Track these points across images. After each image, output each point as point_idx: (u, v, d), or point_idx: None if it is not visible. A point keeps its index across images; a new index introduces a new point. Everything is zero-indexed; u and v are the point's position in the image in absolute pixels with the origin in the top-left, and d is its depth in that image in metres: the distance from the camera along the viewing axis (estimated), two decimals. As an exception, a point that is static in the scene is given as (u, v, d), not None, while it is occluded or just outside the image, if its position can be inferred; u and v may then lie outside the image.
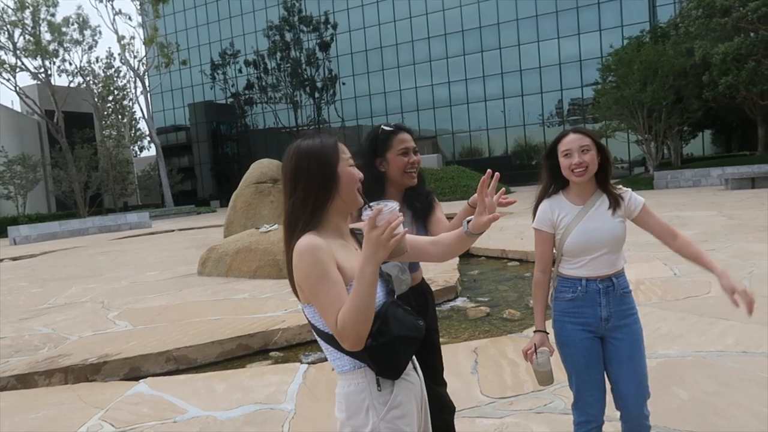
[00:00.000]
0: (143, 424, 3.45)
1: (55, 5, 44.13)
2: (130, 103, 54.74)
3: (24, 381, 4.77)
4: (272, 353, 5.29)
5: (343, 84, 52.20)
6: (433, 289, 6.66)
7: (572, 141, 2.25)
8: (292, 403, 3.58)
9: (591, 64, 39.63)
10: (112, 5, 46.24)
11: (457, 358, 4.21)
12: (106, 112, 52.49)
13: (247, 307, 6.67)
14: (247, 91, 56.43)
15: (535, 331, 2.35)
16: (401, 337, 1.51)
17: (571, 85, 43.33)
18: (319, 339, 1.58)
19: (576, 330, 2.28)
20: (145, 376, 4.70)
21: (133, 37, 55.45)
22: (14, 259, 18.55)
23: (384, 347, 1.48)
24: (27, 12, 42.66)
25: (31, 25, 42.85)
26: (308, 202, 1.54)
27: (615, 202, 2.28)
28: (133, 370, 4.94)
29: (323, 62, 52.95)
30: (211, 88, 58.11)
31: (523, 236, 11.14)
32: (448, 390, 3.59)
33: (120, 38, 45.58)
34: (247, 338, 5.41)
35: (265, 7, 54.42)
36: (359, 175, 1.61)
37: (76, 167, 41.66)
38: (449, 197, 30.36)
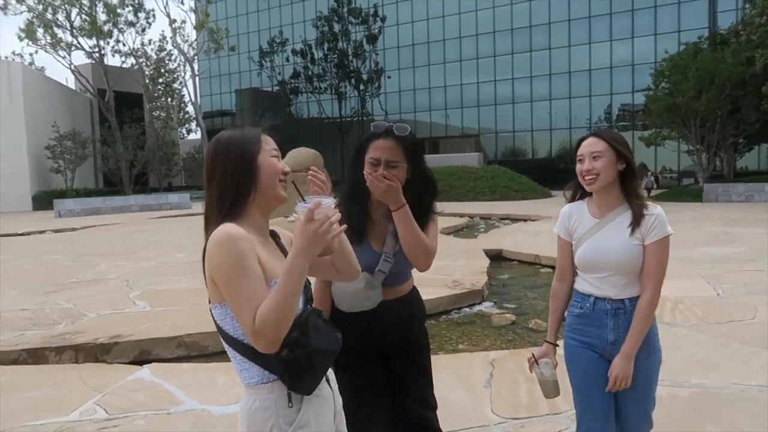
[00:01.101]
0: (136, 412, 3.34)
1: (113, -13, 45.24)
2: (180, 87, 55.81)
3: (35, 356, 4.76)
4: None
5: (389, 77, 51.95)
6: (457, 292, 6.46)
7: (586, 146, 2.08)
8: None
9: (644, 69, 38.24)
10: (166, -11, 47.08)
11: (472, 369, 3.97)
12: (156, 94, 53.61)
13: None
14: (293, 80, 56.77)
15: (544, 341, 2.25)
16: (320, 350, 1.42)
17: (621, 89, 42.02)
18: (226, 346, 1.45)
19: (579, 348, 2.13)
20: (154, 360, 4.63)
21: (184, 21, 56.60)
22: (56, 231, 19.07)
23: (302, 359, 1.37)
24: (85, -8, 43.87)
25: (88, 5, 44.04)
26: (226, 194, 1.44)
27: (635, 220, 2.03)
28: (143, 353, 4.87)
29: (370, 54, 52.81)
30: (258, 75, 58.69)
31: (559, 242, 10.72)
32: (455, 404, 3.38)
33: (171, 22, 46.40)
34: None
35: (315, -4, 54.60)
36: (283, 167, 1.50)
37: (124, 146, 42.78)
38: (488, 197, 29.86)
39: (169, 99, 55.66)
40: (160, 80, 53.16)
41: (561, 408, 3.23)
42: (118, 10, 45.62)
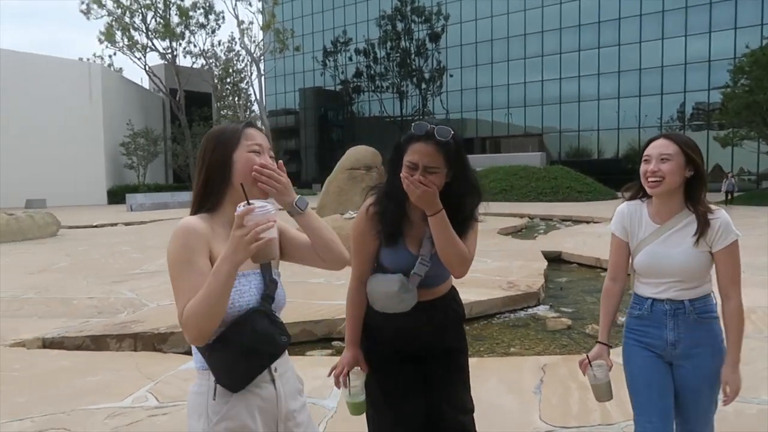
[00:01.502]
0: (185, 402, 3.41)
1: (185, -10, 47.06)
2: (246, 86, 57.42)
3: (97, 342, 4.98)
4: (335, 342, 5.16)
5: (451, 76, 51.53)
6: (512, 293, 6.30)
7: (655, 147, 2.00)
8: (335, 401, 3.39)
9: (721, 65, 36.19)
10: (235, -9, 48.49)
11: (521, 374, 3.83)
12: (224, 93, 55.39)
13: (319, 293, 6.62)
14: (355, 79, 57.32)
15: (596, 342, 2.18)
16: (250, 349, 1.40)
17: (696, 87, 39.93)
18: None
19: (637, 347, 2.10)
20: (207, 352, 4.74)
21: (251, 23, 58.15)
22: (127, 224, 20.02)
23: (226, 355, 1.38)
24: (160, -4, 45.85)
25: (163, 8, 46.02)
26: (204, 188, 1.48)
27: (701, 229, 1.97)
28: (197, 343, 4.99)
29: (432, 53, 52.59)
30: (322, 75, 59.59)
31: (623, 246, 10.29)
32: (503, 409, 3.27)
33: (240, 23, 47.77)
34: (312, 324, 5.32)
35: (379, -4, 54.87)
36: (261, 161, 1.51)
37: (192, 143, 44.46)
38: (550, 198, 29.11)
39: (236, 98, 57.39)
40: (228, 80, 54.88)
41: (613, 419, 3.06)
42: (190, 13, 47.44)
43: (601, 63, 43.49)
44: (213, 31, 50.19)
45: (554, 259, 9.51)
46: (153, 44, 46.95)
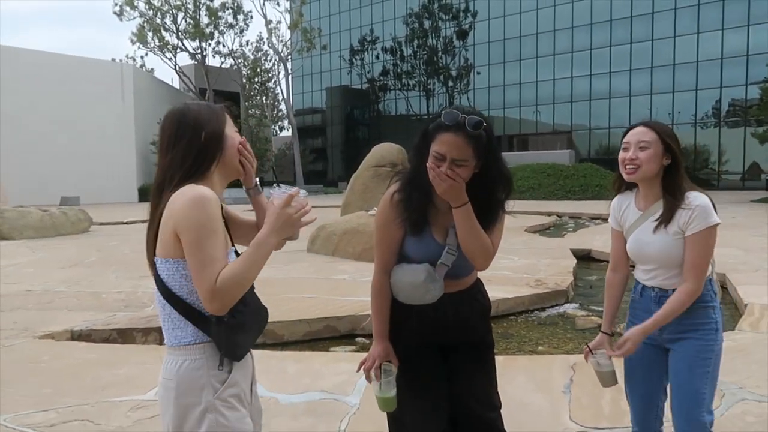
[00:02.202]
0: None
1: (214, -9, 47.63)
2: (274, 85, 57.86)
3: (124, 335, 5.02)
4: (358, 339, 5.11)
5: (478, 73, 51.09)
6: (539, 291, 6.17)
7: (634, 134, 2.06)
8: (358, 397, 3.33)
9: (760, 59, 35.07)
10: (263, -9, 48.90)
11: (551, 373, 3.71)
12: (252, 93, 55.92)
13: (343, 289, 6.57)
14: (382, 77, 57.30)
15: (599, 331, 2.26)
16: (254, 321, 1.55)
17: (733, 82, 38.77)
18: (162, 303, 1.50)
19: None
20: (231, 346, 4.72)
21: (279, 22, 58.60)
22: (157, 221, 20.29)
23: (240, 327, 1.48)
24: (190, -4, 46.52)
25: (192, 9, 46.66)
26: (193, 158, 1.50)
27: (665, 216, 2.01)
28: (221, 338, 4.99)
29: (459, 50, 52.22)
30: (348, 73, 59.71)
31: (655, 244, 10.02)
32: (532, 408, 3.16)
33: (267, 23, 48.14)
34: (335, 320, 5.27)
35: (406, -6, 54.70)
36: (240, 139, 1.60)
37: (221, 142, 44.95)
38: (579, 196, 28.62)
39: (264, 97, 57.87)
40: (256, 79, 55.38)
41: (648, 421, 2.93)
42: (219, 13, 47.99)
43: (634, 58, 42.58)
44: (241, 31, 50.62)
45: (583, 257, 9.30)
46: (183, 45, 47.67)
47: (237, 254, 1.56)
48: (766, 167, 38.19)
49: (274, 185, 1.62)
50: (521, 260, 8.24)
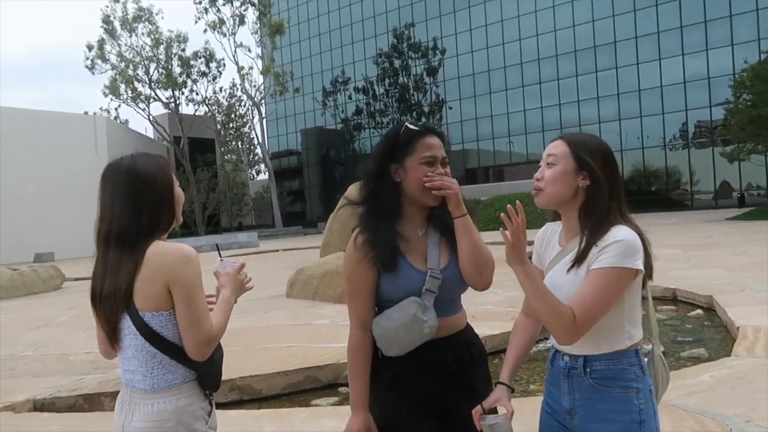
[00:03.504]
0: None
1: (185, 41, 48.05)
2: (249, 130, 58.03)
3: (91, 401, 4.69)
4: (341, 389, 4.83)
5: (450, 108, 51.92)
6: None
7: (547, 149, 1.64)
8: (342, 459, 3.07)
9: (721, 81, 36.19)
10: (234, 39, 49.48)
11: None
12: (227, 138, 55.96)
13: (324, 335, 6.31)
14: (356, 117, 57.91)
15: (496, 383, 1.71)
16: (221, 356, 1.73)
17: (697, 105, 39.89)
18: (153, 352, 1.56)
19: (544, 414, 1.70)
20: (206, 406, 4.43)
21: (251, 68, 59.15)
22: (133, 273, 19.80)
23: (217, 362, 1.69)
24: (161, 48, 46.82)
25: (164, 59, 46.91)
26: (158, 219, 1.60)
27: (579, 256, 1.51)
28: (195, 397, 4.69)
29: (430, 87, 53.15)
30: (322, 115, 60.21)
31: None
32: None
33: (240, 69, 48.55)
34: (316, 370, 5.01)
35: (375, 35, 55.75)
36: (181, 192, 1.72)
37: (197, 189, 44.63)
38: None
39: (239, 142, 57.91)
40: (231, 125, 55.51)
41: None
42: (192, 62, 48.29)
43: (600, 86, 43.69)
44: (214, 79, 50.91)
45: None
46: (156, 94, 47.76)
47: None
48: (736, 185, 39.01)
49: (218, 259, 1.81)
50: (505, 293, 8.05)
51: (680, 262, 10.66)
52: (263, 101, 51.68)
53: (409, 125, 1.75)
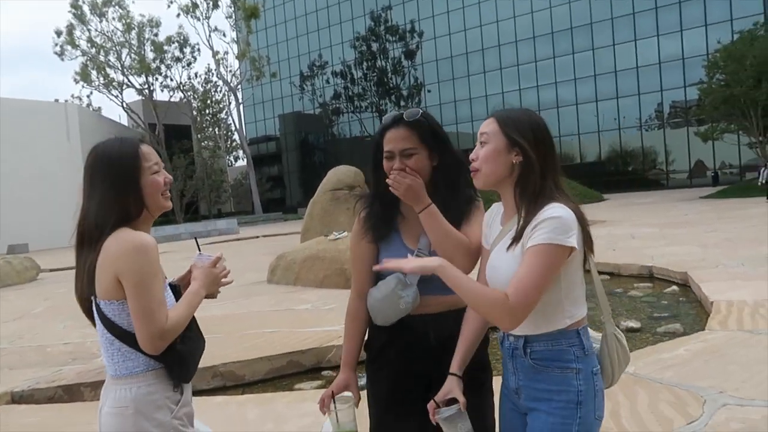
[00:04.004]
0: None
1: (158, 25, 47.08)
2: (226, 116, 57.33)
3: (70, 392, 4.63)
4: (325, 372, 4.85)
5: (429, 91, 51.84)
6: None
7: (480, 129, 1.59)
8: (326, 441, 3.09)
9: (695, 62, 36.65)
10: (208, 23, 48.75)
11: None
12: (204, 125, 55.22)
13: (306, 319, 6.31)
14: (334, 101, 57.50)
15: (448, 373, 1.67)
16: (198, 345, 1.70)
17: (672, 85, 40.40)
18: (111, 339, 1.57)
19: (501, 395, 1.68)
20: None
21: (226, 53, 58.31)
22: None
23: (188, 351, 1.62)
24: (133, 33, 45.84)
25: (137, 44, 45.94)
26: (113, 211, 1.55)
27: (517, 234, 1.48)
28: (177, 385, 4.67)
29: (409, 70, 52.94)
30: (300, 99, 59.69)
31: (616, 247, 10.11)
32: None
33: (215, 54, 47.79)
34: (299, 355, 5.00)
35: (352, 18, 55.24)
36: (165, 178, 1.64)
37: (173, 176, 44.07)
38: (537, 205, 29.05)
39: (216, 129, 57.22)
40: (207, 111, 54.78)
41: (632, 437, 2.79)
42: (165, 47, 47.39)
43: (577, 68, 43.94)
44: (189, 64, 50.06)
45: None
46: (129, 81, 46.82)
47: (171, 286, 1.72)
48: (710, 164, 39.70)
49: (196, 252, 1.78)
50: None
51: (656, 240, 10.84)
52: (239, 86, 51.03)
53: (383, 118, 1.82)
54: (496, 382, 1.79)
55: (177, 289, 1.74)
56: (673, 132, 41.44)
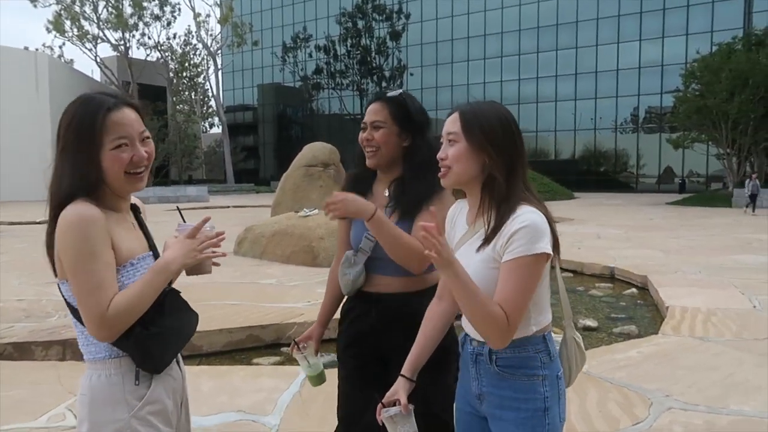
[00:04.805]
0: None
1: (139, -21, 45.57)
2: (203, 81, 56.05)
3: (21, 350, 4.52)
4: (284, 349, 4.84)
5: (411, 75, 51.53)
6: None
7: (446, 126, 1.51)
8: (278, 417, 3.08)
9: (673, 70, 37.19)
10: (192, -18, 47.25)
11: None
12: (180, 88, 53.95)
13: (270, 294, 6.27)
14: (315, 76, 56.72)
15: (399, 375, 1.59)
16: (175, 330, 1.44)
17: (649, 90, 40.99)
18: (74, 321, 1.40)
19: (460, 397, 1.63)
20: (144, 360, 4.35)
21: (208, 15, 56.82)
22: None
23: (155, 338, 1.37)
24: (112, -16, 44.29)
25: (115, -2, 44.43)
26: (66, 178, 1.36)
27: (487, 237, 1.42)
28: (132, 351, 4.60)
29: (393, 51, 52.49)
30: (281, 71, 58.72)
31: (581, 245, 10.28)
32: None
33: (196, 15, 46.58)
34: (259, 329, 4.98)
35: (339, -8, 54.41)
36: (132, 156, 1.37)
37: (145, 138, 43.12)
38: (508, 198, 29.32)
39: (193, 93, 55.97)
40: (185, 74, 53.48)
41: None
42: (144, 4, 45.95)
43: (559, 65, 44.20)
44: (168, 24, 48.66)
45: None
46: (104, 35, 45.34)
47: (156, 256, 1.49)
48: (678, 171, 40.60)
49: (179, 223, 1.52)
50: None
51: (620, 241, 11.07)
52: (219, 52, 50.00)
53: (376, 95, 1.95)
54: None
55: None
56: (647, 137, 42.18)
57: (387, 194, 1.90)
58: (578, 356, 1.59)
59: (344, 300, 2.04)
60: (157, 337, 1.37)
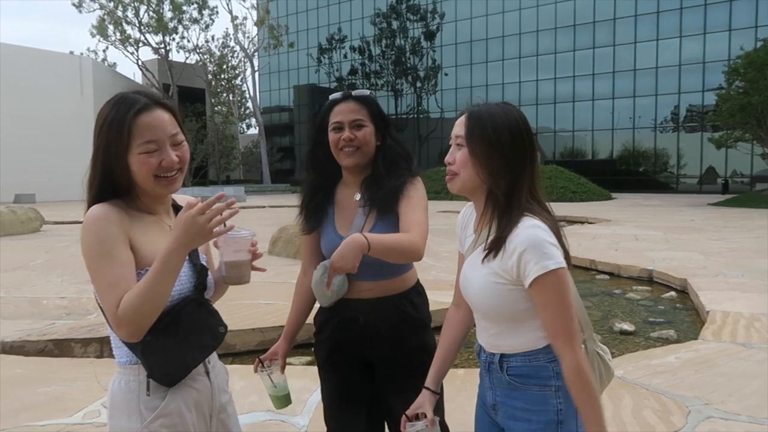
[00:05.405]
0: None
1: (178, -16, 46.63)
2: (241, 83, 56.99)
3: (61, 347, 4.66)
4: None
5: (446, 75, 51.32)
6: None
7: (454, 129, 1.43)
8: (307, 418, 3.10)
9: (716, 67, 36.08)
10: (228, -14, 48.15)
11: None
12: (218, 90, 54.97)
13: (302, 294, 6.31)
14: (350, 77, 57.01)
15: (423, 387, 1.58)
16: (190, 342, 1.35)
17: (690, 88, 39.83)
18: (106, 320, 1.33)
19: (479, 408, 1.58)
20: (178, 358, 4.44)
21: (245, 18, 57.78)
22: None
23: (164, 348, 1.30)
24: (152, -10, 45.44)
25: (155, 2, 45.56)
26: (103, 180, 1.36)
27: (494, 242, 1.35)
28: (167, 349, 4.70)
29: (427, 51, 52.36)
30: (316, 72, 59.23)
31: (618, 247, 10.05)
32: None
33: (233, 18, 47.38)
34: (290, 329, 5.02)
35: (374, -7, 54.58)
36: (167, 161, 1.34)
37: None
38: (544, 199, 28.87)
39: (230, 95, 56.96)
40: (222, 76, 54.48)
41: (612, 442, 2.78)
42: (184, 7, 47.00)
43: (596, 63, 43.35)
44: (206, 27, 49.67)
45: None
46: (145, 39, 46.55)
47: (192, 258, 1.45)
48: (721, 171, 39.34)
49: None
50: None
51: (659, 243, 10.78)
52: (256, 54, 50.76)
53: (329, 97, 1.86)
54: (472, 388, 1.77)
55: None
56: (688, 136, 41.01)
57: (358, 198, 1.83)
58: (604, 371, 1.49)
59: (318, 310, 1.95)
60: (167, 348, 1.30)
